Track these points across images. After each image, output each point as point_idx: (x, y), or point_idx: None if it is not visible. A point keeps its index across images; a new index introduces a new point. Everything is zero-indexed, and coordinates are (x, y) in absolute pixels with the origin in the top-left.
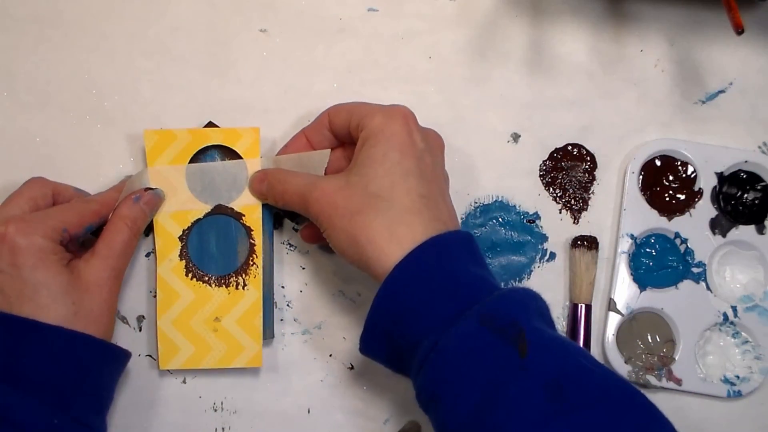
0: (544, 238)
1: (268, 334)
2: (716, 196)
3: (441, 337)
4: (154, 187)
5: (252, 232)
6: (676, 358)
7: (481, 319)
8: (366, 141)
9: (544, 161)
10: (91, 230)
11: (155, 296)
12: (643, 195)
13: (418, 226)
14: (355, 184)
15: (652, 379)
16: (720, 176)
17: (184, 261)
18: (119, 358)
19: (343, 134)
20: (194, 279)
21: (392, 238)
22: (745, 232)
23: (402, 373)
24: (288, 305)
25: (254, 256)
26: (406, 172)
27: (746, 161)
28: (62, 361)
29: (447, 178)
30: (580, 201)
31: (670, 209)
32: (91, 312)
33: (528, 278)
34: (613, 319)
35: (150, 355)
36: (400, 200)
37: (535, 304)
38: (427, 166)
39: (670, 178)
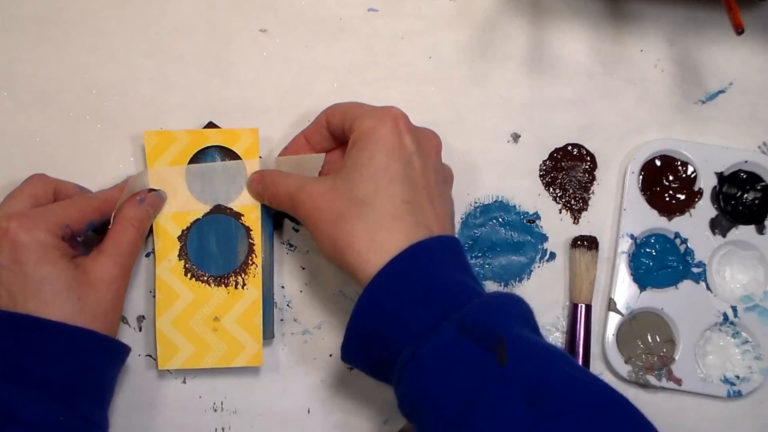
0: (544, 238)
1: (268, 334)
2: (716, 196)
3: (420, 346)
4: (156, 188)
5: (251, 232)
6: (676, 358)
7: (461, 327)
8: (355, 143)
9: (544, 161)
10: (92, 227)
11: (155, 296)
12: (643, 195)
13: (399, 233)
14: (340, 188)
15: (652, 379)
16: (720, 176)
17: (182, 261)
18: (121, 353)
19: (339, 135)
20: (193, 279)
21: (372, 244)
22: (745, 232)
23: (384, 381)
24: (288, 305)
25: (253, 255)
26: (391, 177)
27: (746, 161)
28: (66, 358)
29: (446, 177)
30: (580, 201)
31: (670, 209)
32: (97, 308)
33: (528, 278)
34: (613, 319)
35: (150, 355)
36: (383, 206)
37: (517, 310)
38: (414, 170)
39: (670, 178)
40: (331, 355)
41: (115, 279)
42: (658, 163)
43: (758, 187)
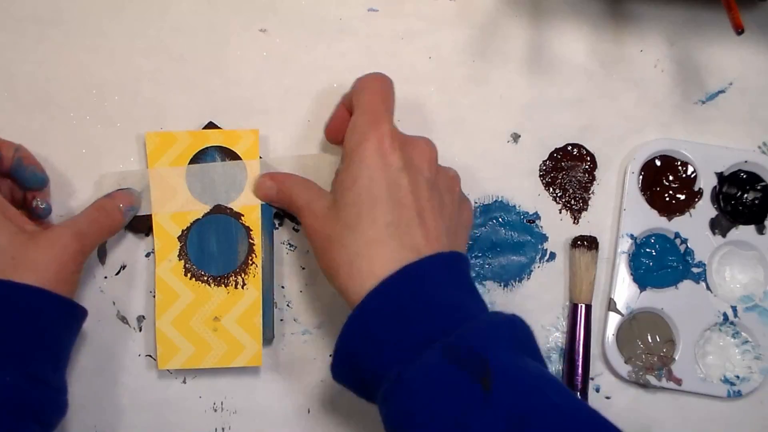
0: (544, 238)
1: (268, 334)
2: (716, 196)
3: (404, 369)
4: (144, 190)
5: (251, 232)
6: (676, 358)
7: (445, 351)
8: (343, 160)
9: (544, 161)
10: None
11: (155, 296)
12: (643, 195)
13: (380, 259)
14: (332, 210)
15: (652, 379)
16: (720, 176)
17: (182, 261)
18: (66, 308)
19: None
20: (193, 279)
21: (352, 273)
22: (745, 232)
23: (374, 403)
24: (288, 305)
25: (253, 255)
26: (373, 200)
27: (746, 161)
28: None
29: (449, 185)
30: (580, 201)
31: (670, 209)
32: (35, 263)
33: (528, 278)
34: (613, 319)
35: (150, 355)
36: (364, 232)
37: (510, 333)
38: (401, 188)
39: (670, 178)
40: (331, 355)
41: (60, 237)
42: (658, 163)
43: (758, 187)
